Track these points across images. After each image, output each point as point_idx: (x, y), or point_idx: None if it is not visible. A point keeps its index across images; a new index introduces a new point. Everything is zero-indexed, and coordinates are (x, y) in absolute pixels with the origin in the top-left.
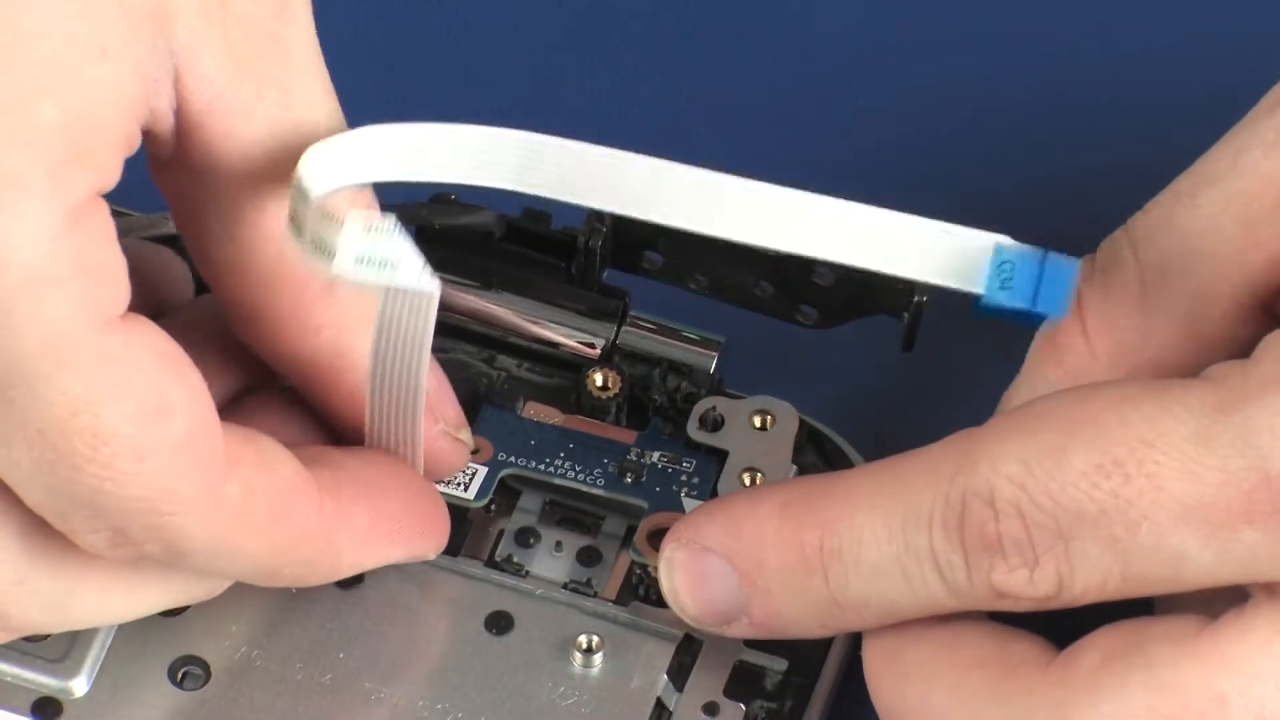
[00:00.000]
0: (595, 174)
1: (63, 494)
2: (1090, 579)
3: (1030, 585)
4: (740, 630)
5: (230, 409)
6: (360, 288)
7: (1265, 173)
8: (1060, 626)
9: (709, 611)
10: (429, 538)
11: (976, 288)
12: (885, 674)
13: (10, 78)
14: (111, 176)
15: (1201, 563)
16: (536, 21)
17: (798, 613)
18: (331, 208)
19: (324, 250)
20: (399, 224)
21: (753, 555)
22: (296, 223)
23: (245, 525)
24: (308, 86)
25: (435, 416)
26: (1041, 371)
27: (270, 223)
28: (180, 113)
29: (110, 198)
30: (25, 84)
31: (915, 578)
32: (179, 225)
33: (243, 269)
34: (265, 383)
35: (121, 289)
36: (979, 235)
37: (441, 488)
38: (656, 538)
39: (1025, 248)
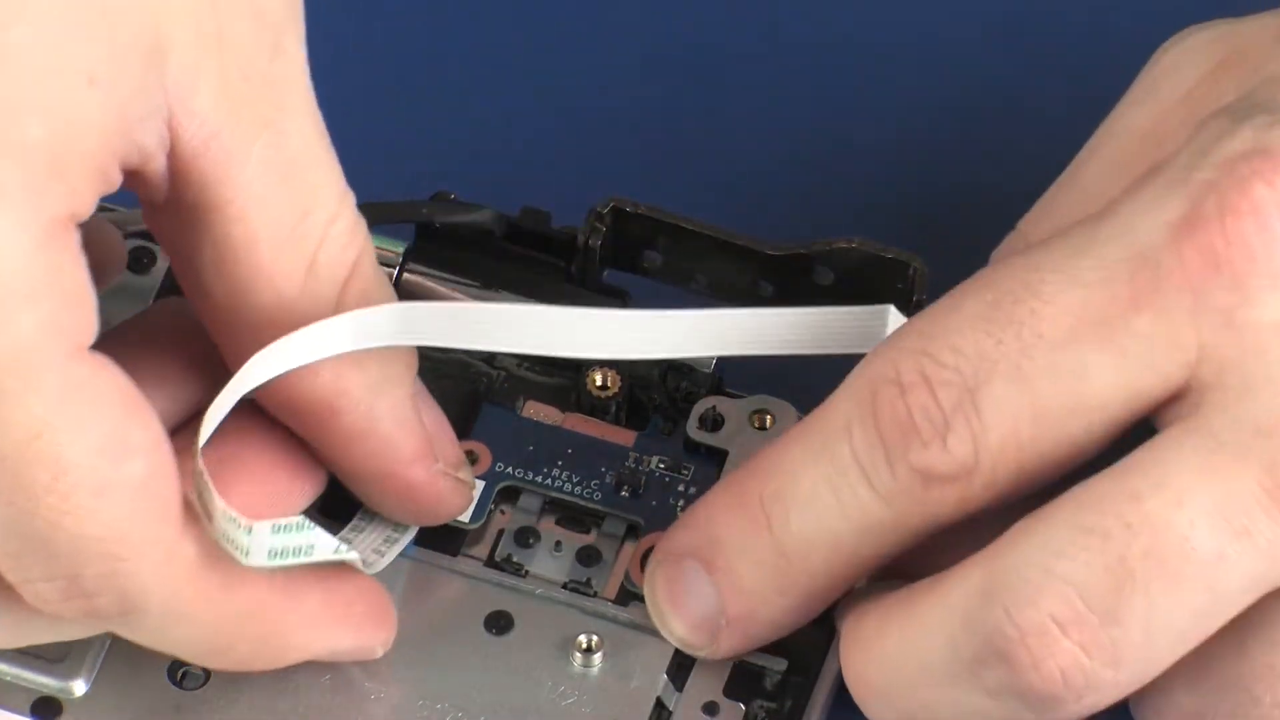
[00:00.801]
0: (466, 325)
1: (17, 529)
2: (1002, 424)
3: (946, 454)
4: (726, 639)
5: (197, 424)
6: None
7: (1136, 129)
8: None
9: (692, 622)
10: (379, 630)
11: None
12: (853, 654)
13: None
14: (85, 205)
15: (1104, 372)
16: (533, 24)
17: (755, 578)
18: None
19: (235, 546)
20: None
21: (710, 536)
22: (206, 509)
23: (200, 587)
24: (302, 129)
25: (435, 456)
26: None
27: (266, 265)
28: (173, 153)
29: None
30: (10, 99)
31: (844, 491)
32: (174, 268)
33: (239, 312)
34: None
35: (90, 320)
36: (873, 309)
37: None
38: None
39: None
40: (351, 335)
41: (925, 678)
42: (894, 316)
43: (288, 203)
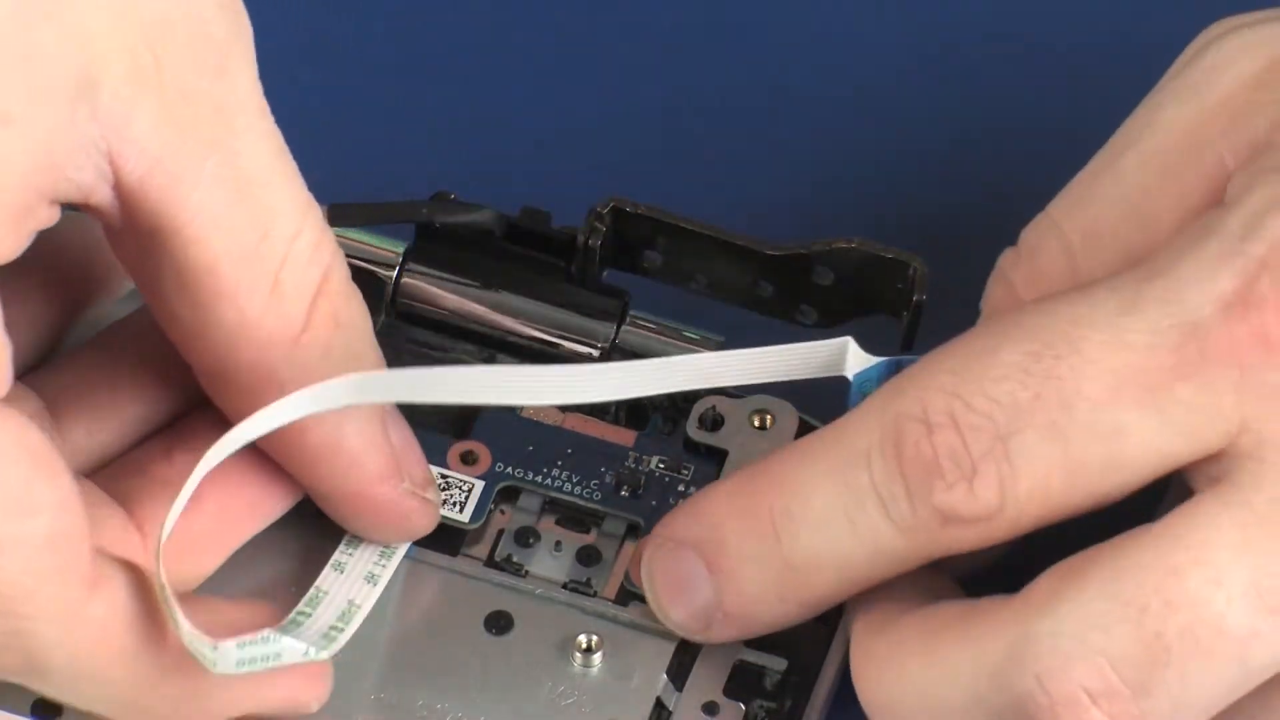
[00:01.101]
0: (421, 387)
1: None
2: (1033, 475)
3: (971, 498)
4: (719, 630)
5: (170, 431)
6: (326, 345)
7: (1178, 124)
8: None
9: (688, 611)
10: (308, 688)
11: (845, 373)
12: (867, 671)
13: None
14: (5, 247)
15: (1142, 435)
16: (533, 23)
17: (758, 586)
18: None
19: (202, 657)
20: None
21: (714, 535)
22: (172, 621)
23: (108, 649)
24: (254, 147)
25: (402, 475)
26: None
27: (228, 285)
28: (118, 182)
29: None
30: None
31: (859, 519)
32: (140, 292)
33: (204, 329)
34: (205, 403)
35: (2, 375)
36: (833, 342)
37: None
38: None
39: (875, 360)
40: (309, 406)
41: (941, 714)
42: (853, 348)
43: (245, 222)
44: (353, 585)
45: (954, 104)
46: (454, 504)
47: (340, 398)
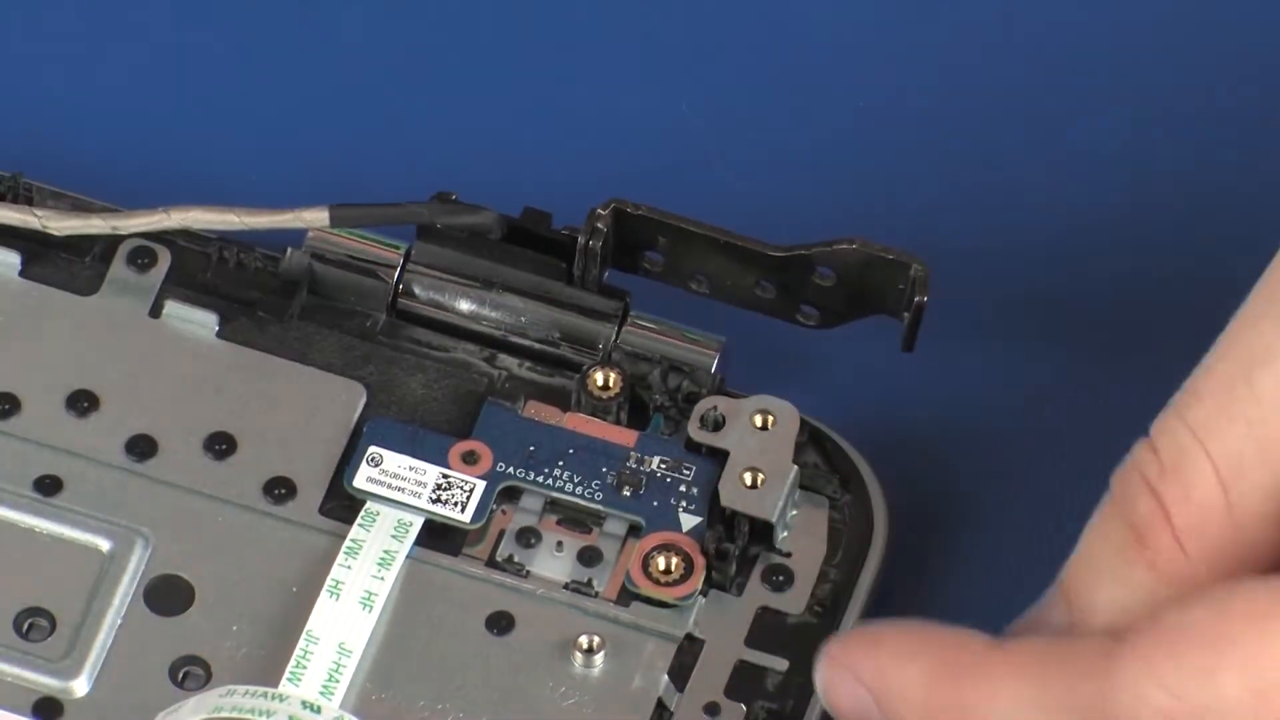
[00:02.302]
0: None
1: None
2: None
3: None
4: None
5: None
6: None
7: None
8: None
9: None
10: None
11: None
12: None
13: None
14: None
15: None
16: (534, 23)
17: None
18: None
19: None
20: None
21: (896, 711)
22: None
23: None
24: None
25: None
26: (1130, 572)
27: None
28: None
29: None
30: None
31: None
32: None
33: None
34: None
35: None
36: None
37: (437, 508)
38: (653, 556)
39: None
40: None
41: None
42: None
43: None
44: (347, 615)
45: (956, 104)
46: (455, 504)
47: None
